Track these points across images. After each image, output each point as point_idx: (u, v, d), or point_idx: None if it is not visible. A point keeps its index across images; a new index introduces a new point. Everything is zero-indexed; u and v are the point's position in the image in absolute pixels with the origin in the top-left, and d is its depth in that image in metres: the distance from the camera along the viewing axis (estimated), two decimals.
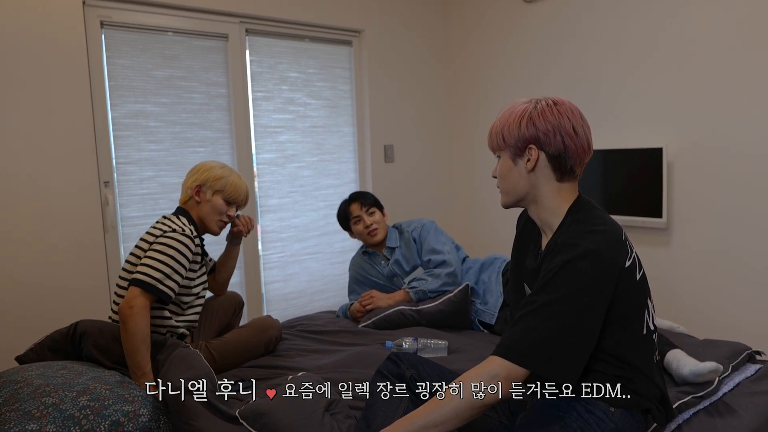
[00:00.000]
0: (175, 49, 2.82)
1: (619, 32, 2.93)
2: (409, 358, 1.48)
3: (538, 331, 1.17)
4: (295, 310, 3.28)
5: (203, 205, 2.00)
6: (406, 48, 3.66)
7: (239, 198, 2.06)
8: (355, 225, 2.66)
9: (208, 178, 2.00)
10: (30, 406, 1.37)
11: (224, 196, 2.02)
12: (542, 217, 1.35)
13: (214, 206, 2.00)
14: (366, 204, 2.64)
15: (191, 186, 2.00)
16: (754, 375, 1.77)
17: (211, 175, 2.00)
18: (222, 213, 2.03)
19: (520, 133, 1.29)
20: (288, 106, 3.25)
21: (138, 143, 2.73)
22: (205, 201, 2.00)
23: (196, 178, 2.01)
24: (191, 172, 2.04)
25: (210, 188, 2.00)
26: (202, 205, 2.00)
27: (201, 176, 2.00)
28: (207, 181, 2.00)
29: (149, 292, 1.76)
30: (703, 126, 2.64)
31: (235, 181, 2.04)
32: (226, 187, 2.01)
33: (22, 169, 2.37)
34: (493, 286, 2.43)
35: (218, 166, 2.04)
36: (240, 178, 2.07)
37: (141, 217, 2.75)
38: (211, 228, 2.04)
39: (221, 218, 2.04)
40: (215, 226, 2.04)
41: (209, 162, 2.07)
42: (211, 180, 2.00)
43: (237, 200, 2.06)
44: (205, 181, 2.00)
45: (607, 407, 1.23)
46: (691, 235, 2.73)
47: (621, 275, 1.20)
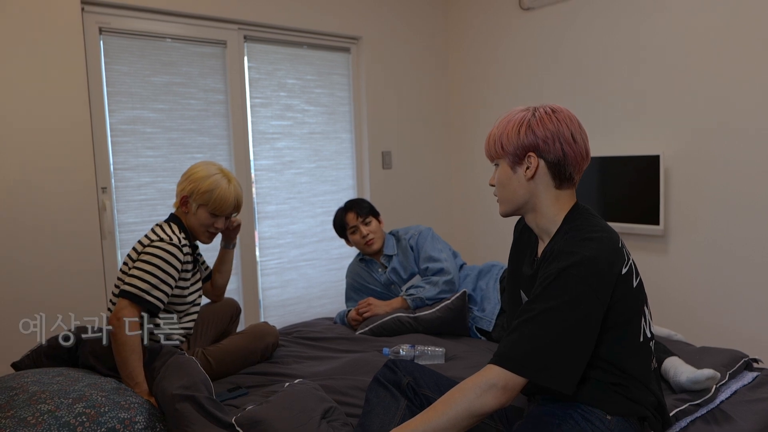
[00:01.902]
0: (173, 55, 2.83)
1: (616, 39, 2.94)
2: (407, 366, 1.48)
3: (535, 340, 1.17)
4: (292, 316, 3.27)
5: (190, 216, 1.97)
6: (404, 55, 3.67)
7: (225, 211, 1.99)
8: (352, 235, 2.66)
9: (194, 191, 1.94)
10: (25, 412, 1.36)
11: (209, 210, 1.96)
12: (540, 224, 1.35)
13: (199, 219, 1.96)
14: (362, 214, 2.63)
15: (179, 195, 1.97)
16: (751, 383, 1.77)
17: (197, 188, 1.93)
18: (208, 226, 1.99)
19: (519, 141, 1.29)
20: (286, 112, 3.25)
21: (136, 149, 2.73)
22: (192, 212, 1.96)
23: (184, 187, 1.96)
24: (183, 178, 1.99)
25: (195, 201, 1.95)
26: (189, 216, 1.97)
27: (188, 186, 1.95)
28: (193, 193, 1.94)
29: (137, 303, 1.75)
30: (700, 133, 2.66)
31: (221, 194, 1.94)
32: (211, 201, 1.94)
33: (20, 173, 2.37)
34: (491, 293, 2.43)
35: (208, 175, 1.96)
36: (229, 187, 1.97)
37: (138, 223, 2.74)
38: (200, 239, 2.03)
39: (208, 230, 2.00)
40: (204, 237, 2.02)
41: (201, 168, 1.98)
42: (197, 193, 1.93)
43: (223, 213, 2.00)
44: (191, 193, 1.94)
45: (603, 415, 1.23)
46: (688, 243, 2.73)
47: (618, 283, 1.20)
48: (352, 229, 2.64)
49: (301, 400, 1.57)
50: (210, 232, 2.02)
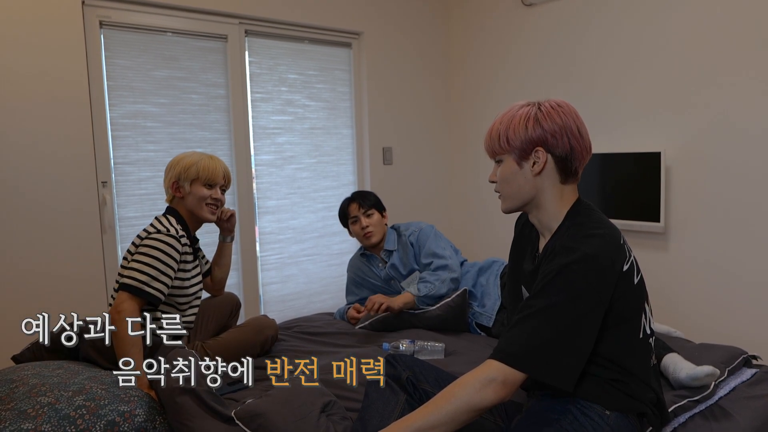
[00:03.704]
0: (175, 49, 2.82)
1: (619, 36, 2.93)
2: (406, 361, 1.48)
3: (536, 335, 1.17)
4: (292, 311, 3.27)
5: (186, 198, 1.98)
6: (405, 50, 3.67)
7: (217, 178, 2.00)
8: (353, 225, 2.66)
9: (180, 171, 1.96)
10: (25, 405, 1.37)
11: (202, 182, 1.97)
12: (543, 220, 1.35)
13: (195, 195, 1.97)
14: (365, 205, 2.63)
15: (169, 185, 1.99)
16: (750, 379, 1.77)
17: (182, 167, 1.96)
18: (206, 197, 1.99)
19: (527, 135, 1.28)
20: (287, 107, 3.25)
21: (136, 143, 2.73)
22: (186, 194, 1.97)
23: (171, 175, 1.98)
24: (166, 171, 2.01)
25: (185, 180, 1.96)
26: (186, 198, 1.98)
27: (174, 172, 1.97)
28: (180, 174, 1.96)
29: (137, 295, 1.75)
30: (701, 130, 2.65)
31: (206, 164, 1.98)
32: (200, 172, 1.96)
33: (20, 168, 2.37)
34: (491, 289, 2.43)
35: (186, 156, 2.00)
36: (212, 160, 2.01)
37: (139, 218, 2.74)
38: (204, 216, 2.01)
39: (208, 203, 2.00)
40: (206, 213, 2.01)
41: (178, 155, 2.02)
42: (183, 171, 1.96)
43: (216, 181, 2.00)
44: (178, 176, 1.96)
45: (602, 410, 1.23)
46: (689, 240, 2.73)
47: (619, 279, 1.20)
48: (353, 219, 2.64)
49: (300, 394, 1.57)
50: (209, 204, 2.01)
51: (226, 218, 2.18)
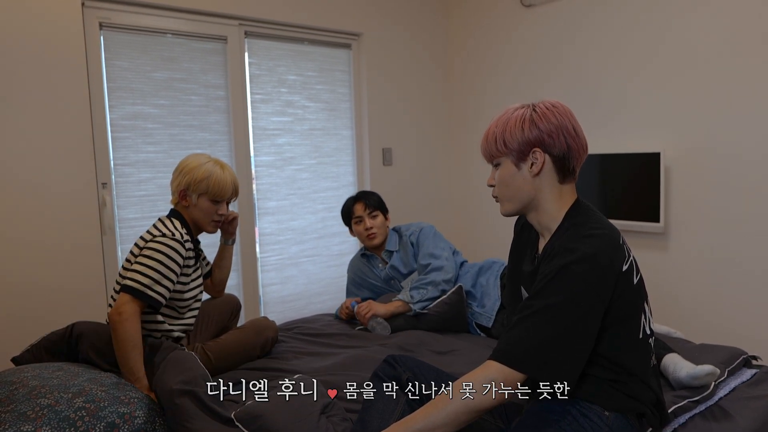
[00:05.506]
0: (174, 51, 2.82)
1: (618, 37, 2.94)
2: (406, 361, 1.48)
3: (535, 336, 1.17)
4: (292, 312, 3.27)
5: (192, 208, 1.97)
6: (405, 51, 3.67)
7: (226, 195, 2.00)
8: (356, 225, 2.66)
9: (191, 182, 1.93)
10: (25, 407, 1.37)
11: (210, 197, 1.96)
12: (542, 221, 1.35)
13: (202, 209, 1.96)
14: (370, 206, 2.64)
15: (176, 191, 1.97)
16: (750, 379, 1.77)
17: (193, 178, 1.93)
18: (212, 213, 1.99)
19: (523, 137, 1.28)
20: (287, 108, 3.25)
21: (136, 145, 2.73)
22: (193, 204, 1.96)
23: (180, 181, 1.95)
24: (175, 173, 1.99)
25: (194, 192, 1.95)
26: (191, 208, 1.97)
27: (184, 179, 1.94)
28: (190, 184, 1.94)
29: (139, 298, 1.75)
30: (700, 131, 2.65)
31: (218, 179, 1.95)
32: (210, 188, 1.94)
33: (20, 169, 2.37)
34: (491, 289, 2.43)
35: (200, 164, 1.95)
36: (224, 172, 1.98)
37: (139, 219, 2.74)
38: (206, 230, 2.02)
39: (213, 218, 2.00)
40: (209, 227, 2.02)
41: (192, 160, 1.98)
42: (194, 183, 1.93)
43: (224, 198, 2.00)
44: (188, 185, 1.94)
45: (601, 411, 1.23)
46: (689, 240, 2.73)
47: (618, 279, 1.20)
48: (357, 219, 2.65)
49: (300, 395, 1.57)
50: (214, 220, 2.02)
51: (229, 221, 2.18)
